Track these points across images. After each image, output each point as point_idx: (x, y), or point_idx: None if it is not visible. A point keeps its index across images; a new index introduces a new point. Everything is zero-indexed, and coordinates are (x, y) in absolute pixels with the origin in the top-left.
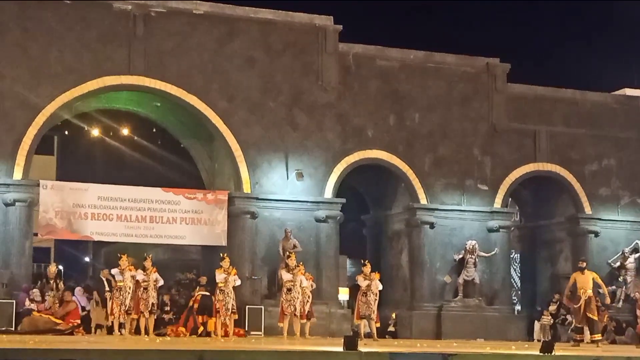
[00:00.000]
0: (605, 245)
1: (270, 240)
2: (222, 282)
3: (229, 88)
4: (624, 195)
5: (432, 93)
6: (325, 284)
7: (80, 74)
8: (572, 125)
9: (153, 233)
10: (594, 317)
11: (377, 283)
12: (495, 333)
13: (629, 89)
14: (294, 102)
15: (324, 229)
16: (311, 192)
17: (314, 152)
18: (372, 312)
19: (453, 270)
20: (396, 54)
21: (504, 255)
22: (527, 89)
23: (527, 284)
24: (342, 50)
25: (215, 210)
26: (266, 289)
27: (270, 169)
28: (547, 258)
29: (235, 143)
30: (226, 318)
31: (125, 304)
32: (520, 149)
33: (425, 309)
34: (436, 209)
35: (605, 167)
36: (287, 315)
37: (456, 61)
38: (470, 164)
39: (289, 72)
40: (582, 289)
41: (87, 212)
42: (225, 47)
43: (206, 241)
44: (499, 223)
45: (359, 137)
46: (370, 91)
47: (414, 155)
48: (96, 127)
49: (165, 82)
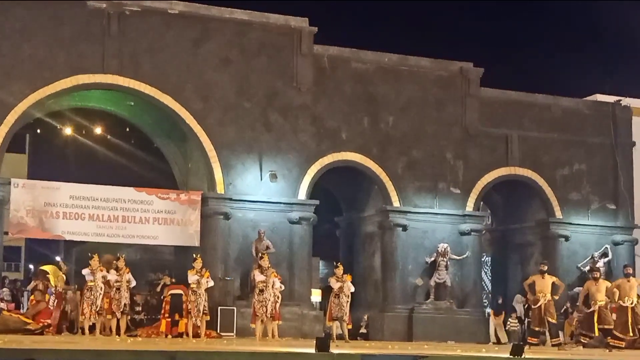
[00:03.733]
0: (575, 250)
1: (243, 241)
2: (194, 283)
3: (203, 88)
4: (594, 200)
5: (406, 96)
6: (297, 286)
7: (53, 72)
8: (544, 130)
9: (125, 233)
10: (553, 320)
11: (349, 285)
12: (466, 335)
13: (600, 95)
14: (269, 103)
15: (298, 230)
16: (285, 194)
17: (288, 153)
18: (344, 313)
19: (425, 273)
20: (371, 57)
21: (475, 258)
22: (500, 93)
23: (498, 287)
24: (317, 52)
25: (189, 211)
26: (239, 290)
27: (244, 169)
28: (518, 261)
29: (209, 143)
30: (198, 319)
31: (96, 304)
32: (493, 153)
33: (397, 311)
34: (409, 212)
35: (576, 172)
36: (259, 316)
37: (430, 65)
38: (443, 167)
39: (263, 73)
40: (541, 292)
41: (59, 211)
42: (200, 47)
43: (179, 241)
44: (471, 226)
45: (333, 139)
46: (345, 93)
47: (388, 157)
48: (69, 125)
49: (139, 81)
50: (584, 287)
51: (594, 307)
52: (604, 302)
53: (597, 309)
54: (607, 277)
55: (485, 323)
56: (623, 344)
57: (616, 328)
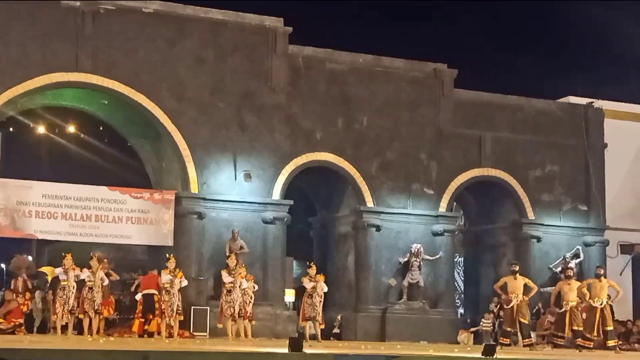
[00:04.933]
0: (547, 250)
1: (217, 241)
2: (167, 283)
3: (177, 87)
4: (566, 201)
5: (380, 97)
6: (271, 286)
7: (26, 70)
8: (516, 132)
9: (98, 232)
10: (525, 321)
11: (322, 285)
12: (438, 336)
13: (572, 97)
14: (243, 103)
15: (271, 230)
16: (259, 194)
17: (263, 153)
18: (317, 313)
19: (398, 273)
20: (345, 57)
21: (448, 259)
22: (473, 94)
23: (471, 287)
24: (291, 52)
25: (162, 210)
26: (212, 290)
27: (218, 169)
28: (491, 262)
29: (184, 143)
30: (171, 319)
31: (69, 304)
32: (466, 154)
33: (370, 311)
34: (382, 212)
35: (548, 174)
36: (227, 316)
37: (404, 66)
38: (417, 168)
39: (238, 73)
40: (513, 293)
41: (31, 210)
42: (174, 46)
43: (152, 241)
44: (444, 227)
45: (308, 139)
46: (320, 94)
47: (362, 158)
48: (42, 124)
49: (113, 80)
50: (556, 287)
51: (566, 308)
52: (575, 303)
53: (569, 310)
54: (578, 278)
55: (458, 323)
56: (591, 345)
57: (585, 329)
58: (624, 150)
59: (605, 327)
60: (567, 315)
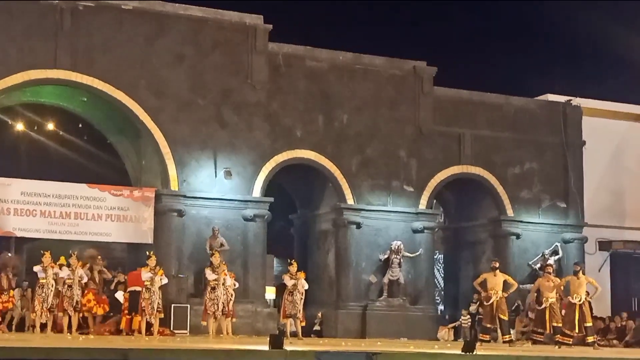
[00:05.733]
0: (526, 247)
1: (197, 239)
2: (148, 280)
3: (157, 85)
4: (545, 198)
5: (360, 94)
6: (252, 283)
7: (4, 67)
8: (495, 129)
9: (77, 230)
10: (504, 317)
11: (303, 282)
12: (418, 332)
13: (551, 95)
14: (223, 101)
15: (252, 227)
16: (239, 191)
17: (243, 150)
18: (298, 311)
19: (378, 270)
20: (325, 55)
21: (428, 256)
22: (452, 92)
23: (450, 284)
24: (271, 49)
25: (142, 208)
26: (192, 287)
27: (199, 166)
28: (470, 259)
29: (163, 140)
30: (151, 317)
31: (48, 302)
32: (445, 151)
33: (350, 308)
34: (363, 210)
35: (527, 171)
36: (211, 314)
37: (384, 64)
38: (397, 165)
39: (218, 70)
40: (493, 289)
41: (10, 208)
42: (154, 44)
43: (132, 239)
44: (424, 224)
45: (288, 136)
46: (300, 91)
47: (342, 155)
48: (20, 121)
49: (92, 77)
50: (535, 284)
51: (545, 304)
52: (554, 299)
53: (549, 306)
54: (557, 274)
55: (437, 320)
56: (570, 341)
57: (564, 325)
58: (602, 148)
59: (584, 324)
60: (546, 311)
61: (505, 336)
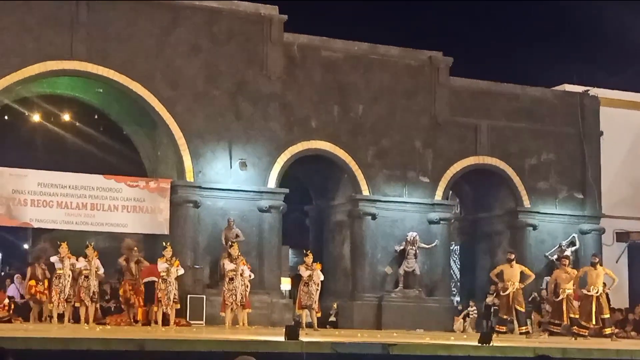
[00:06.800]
0: (543, 238)
1: (212, 230)
2: (164, 271)
3: (172, 76)
4: (562, 189)
5: (375, 85)
6: (267, 274)
7: (21, 58)
8: (512, 120)
9: (94, 221)
10: (521, 309)
11: (318, 273)
12: (434, 324)
13: (568, 85)
14: (238, 91)
15: (267, 218)
16: (254, 182)
17: (258, 141)
18: (313, 302)
19: (394, 262)
20: (341, 45)
21: (444, 247)
22: (469, 83)
23: (466, 275)
24: (287, 40)
25: (158, 199)
26: (208, 278)
27: (214, 157)
28: (486, 250)
29: (179, 131)
30: (168, 307)
31: (65, 292)
32: (462, 142)
33: (366, 299)
34: (378, 200)
35: (544, 162)
36: (229, 304)
37: (400, 54)
38: (412, 156)
39: (233, 61)
40: (509, 280)
41: (27, 199)
42: (169, 35)
43: (148, 230)
44: (440, 215)
45: (303, 127)
46: (315, 82)
47: (357, 146)
48: (37, 112)
49: (108, 68)
50: (552, 276)
51: (562, 296)
52: (571, 291)
53: (565, 297)
54: (574, 266)
55: (454, 311)
56: (587, 333)
57: (581, 317)
58: (619, 138)
59: (601, 315)
60: (563, 303)
61: (522, 327)
